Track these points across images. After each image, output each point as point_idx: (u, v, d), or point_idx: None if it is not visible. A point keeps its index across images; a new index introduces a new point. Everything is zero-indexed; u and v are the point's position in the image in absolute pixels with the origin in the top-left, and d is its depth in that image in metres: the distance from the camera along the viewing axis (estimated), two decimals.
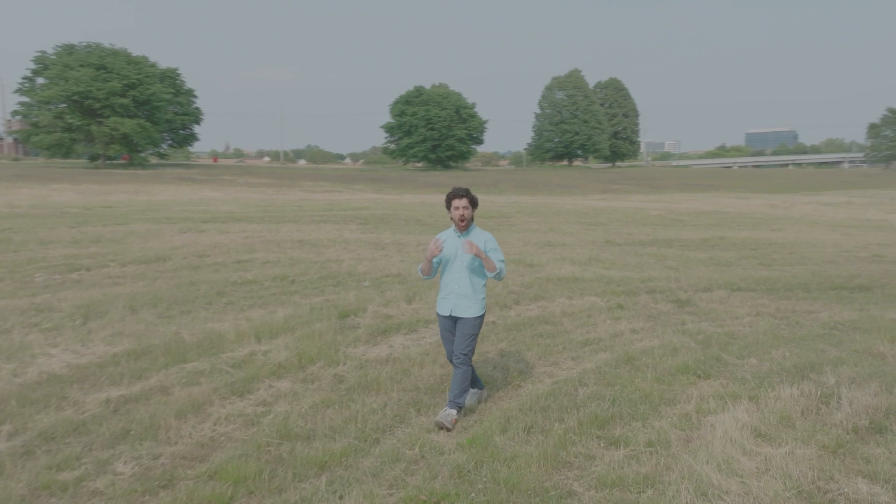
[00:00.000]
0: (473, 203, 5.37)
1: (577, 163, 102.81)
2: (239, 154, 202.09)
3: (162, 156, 74.98)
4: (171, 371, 6.30)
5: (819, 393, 5.30)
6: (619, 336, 7.48)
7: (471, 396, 5.56)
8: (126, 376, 6.12)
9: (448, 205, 5.38)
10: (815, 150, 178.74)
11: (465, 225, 5.33)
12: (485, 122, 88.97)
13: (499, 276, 5.34)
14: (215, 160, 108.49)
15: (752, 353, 6.67)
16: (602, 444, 4.65)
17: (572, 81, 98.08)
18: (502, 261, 5.41)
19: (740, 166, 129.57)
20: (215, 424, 5.15)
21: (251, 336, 7.28)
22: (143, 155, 65.99)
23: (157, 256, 12.66)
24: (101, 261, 12.25)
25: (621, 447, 4.57)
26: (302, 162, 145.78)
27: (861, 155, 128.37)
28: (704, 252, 15.27)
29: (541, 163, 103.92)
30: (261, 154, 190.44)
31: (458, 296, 5.33)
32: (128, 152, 63.95)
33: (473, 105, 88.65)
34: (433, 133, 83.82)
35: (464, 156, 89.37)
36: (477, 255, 5.19)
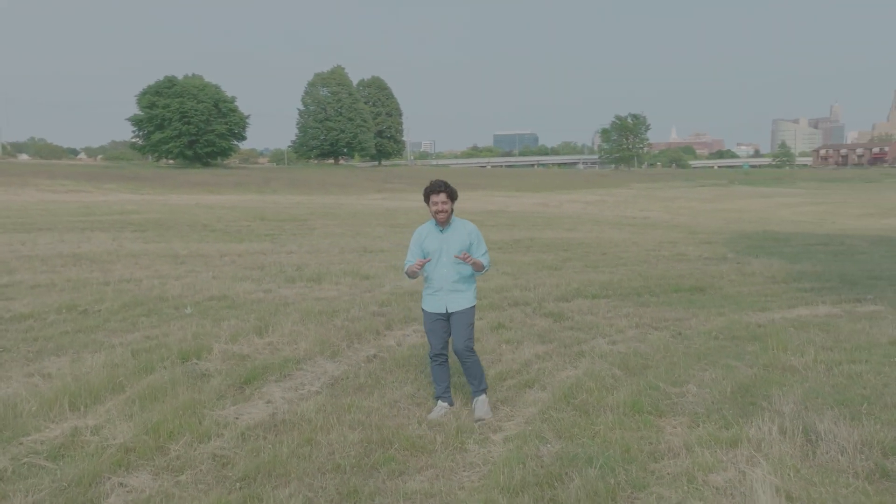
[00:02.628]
0: (452, 196, 5.28)
1: (341, 161, 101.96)
2: None
3: None
4: None
5: (800, 429, 4.79)
6: (530, 365, 6.55)
7: (438, 410, 5.32)
8: None
9: (427, 200, 5.30)
10: (554, 151, 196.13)
11: (445, 218, 5.27)
12: (247, 117, 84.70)
13: (484, 272, 5.46)
14: None
15: (682, 378, 6.10)
16: None
17: (336, 78, 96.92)
18: (486, 253, 5.43)
19: (493, 166, 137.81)
20: None
21: (63, 402, 5.23)
22: None
23: None
24: None
25: None
26: (24, 157, 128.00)
27: (594, 157, 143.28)
28: (525, 255, 15.05)
29: (306, 161, 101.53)
30: None
31: (450, 292, 5.34)
32: None
33: (234, 99, 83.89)
34: (189, 128, 77.77)
35: (225, 152, 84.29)
36: (471, 264, 5.21)
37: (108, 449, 4.53)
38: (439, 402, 5.41)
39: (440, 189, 5.20)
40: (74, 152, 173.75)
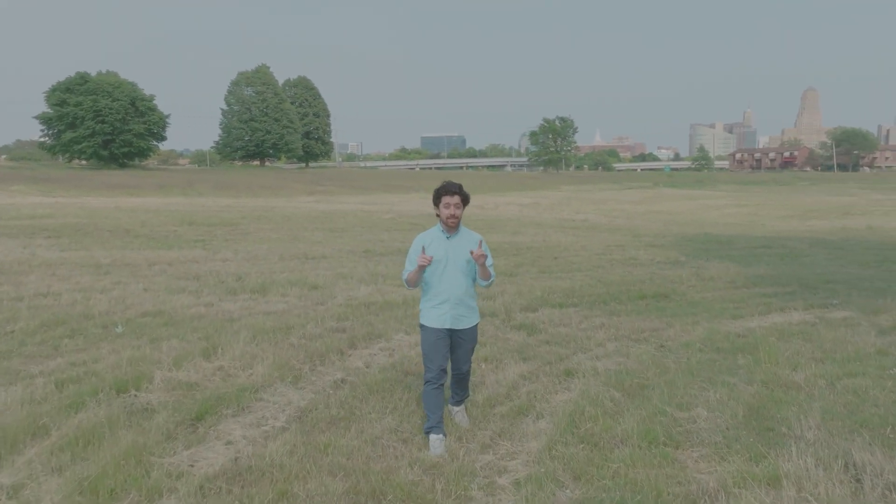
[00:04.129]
0: (465, 200, 4.80)
1: (267, 163, 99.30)
2: None
3: None
4: None
5: (840, 462, 4.32)
6: (518, 388, 5.91)
7: (436, 445, 4.63)
8: None
9: (437, 201, 4.77)
10: (482, 154, 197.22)
11: (455, 223, 4.75)
12: (166, 116, 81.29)
13: (490, 284, 4.93)
14: None
15: (686, 401, 5.56)
16: None
17: (261, 78, 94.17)
18: (492, 265, 4.92)
19: (422, 168, 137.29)
20: None
21: None
22: None
23: None
24: None
25: None
26: None
27: (522, 159, 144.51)
28: None
29: (230, 162, 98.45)
30: None
31: (456, 305, 4.82)
32: None
33: (152, 97, 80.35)
34: (104, 127, 73.89)
35: (143, 153, 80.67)
36: (482, 266, 4.71)
37: None
38: (431, 435, 4.69)
39: (454, 191, 4.70)
40: None
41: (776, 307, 9.68)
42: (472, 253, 4.65)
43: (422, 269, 4.67)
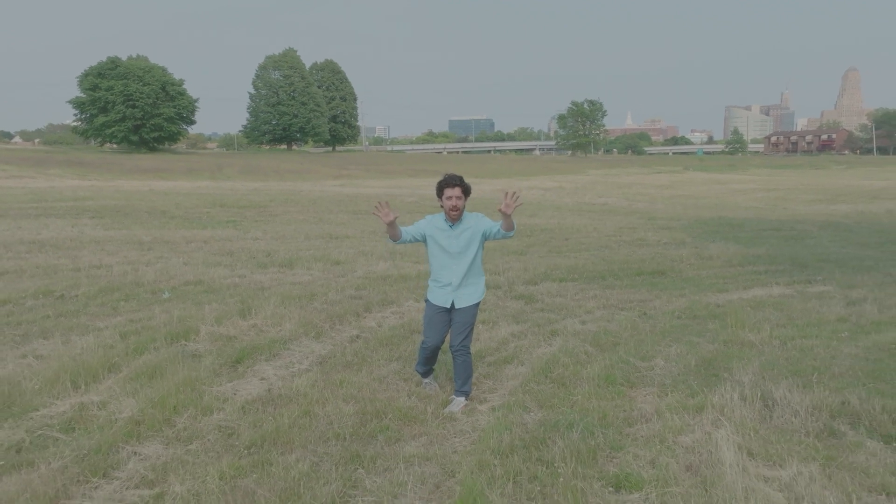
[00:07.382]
0: (467, 192, 5.16)
1: (294, 147, 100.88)
2: None
3: None
4: None
5: (759, 396, 5.26)
6: (507, 343, 6.91)
7: (429, 384, 5.60)
8: None
9: (439, 193, 5.14)
10: (510, 137, 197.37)
11: (457, 215, 5.14)
12: (196, 100, 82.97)
13: (513, 233, 5.28)
14: None
15: (650, 353, 6.53)
16: (611, 490, 4.00)
17: (288, 61, 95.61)
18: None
19: (449, 152, 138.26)
20: None
21: (64, 381, 5.39)
22: None
23: None
24: None
25: (633, 491, 3.98)
26: None
27: (550, 143, 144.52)
28: (489, 241, 15.38)
29: (258, 146, 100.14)
30: None
31: (458, 287, 5.25)
32: None
33: (182, 82, 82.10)
34: (135, 111, 75.84)
35: (173, 137, 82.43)
36: (509, 214, 4.96)
37: (117, 422, 4.73)
38: (424, 379, 5.66)
39: (455, 183, 5.03)
40: (8, 136, 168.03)
41: (761, 283, 10.50)
42: (501, 210, 4.89)
43: (390, 225, 5.07)
